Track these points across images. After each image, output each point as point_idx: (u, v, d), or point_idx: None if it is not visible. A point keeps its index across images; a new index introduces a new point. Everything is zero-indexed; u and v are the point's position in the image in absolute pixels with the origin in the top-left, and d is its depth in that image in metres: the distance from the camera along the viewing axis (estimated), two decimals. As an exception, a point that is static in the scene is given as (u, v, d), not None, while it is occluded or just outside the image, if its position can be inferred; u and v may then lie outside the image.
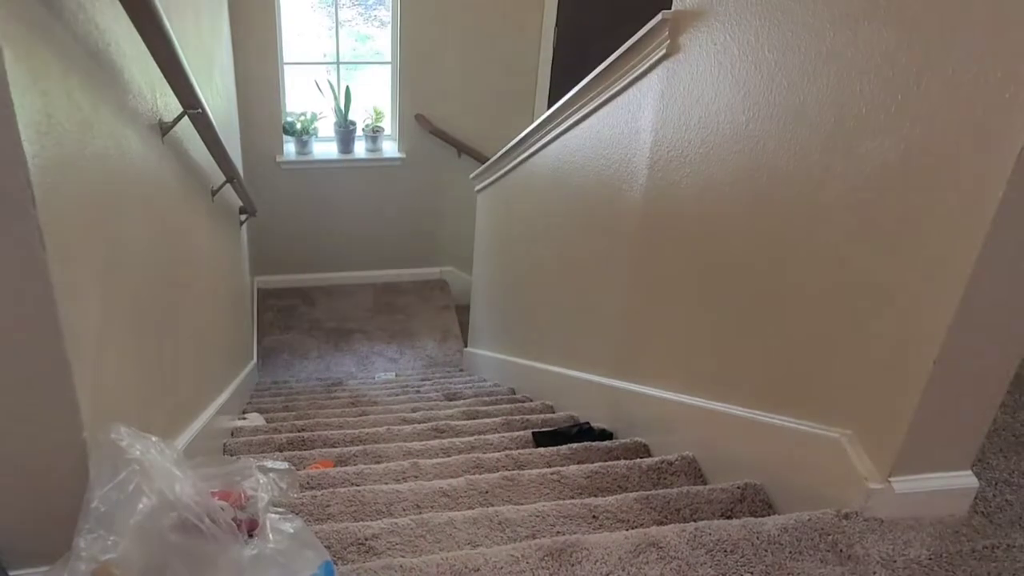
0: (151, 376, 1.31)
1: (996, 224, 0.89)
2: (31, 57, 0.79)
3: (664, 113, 1.73)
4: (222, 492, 0.91)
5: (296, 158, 4.64)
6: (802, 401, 1.26)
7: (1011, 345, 1.01)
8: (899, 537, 1.06)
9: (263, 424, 2.58)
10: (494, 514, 1.28)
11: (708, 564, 1.04)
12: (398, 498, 1.45)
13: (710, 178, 1.53)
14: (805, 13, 1.19)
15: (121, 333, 1.11)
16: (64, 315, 0.83)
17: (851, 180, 1.10)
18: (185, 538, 0.82)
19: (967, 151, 0.91)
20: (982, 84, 0.88)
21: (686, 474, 1.56)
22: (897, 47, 1.00)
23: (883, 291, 1.06)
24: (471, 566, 1.02)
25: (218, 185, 2.29)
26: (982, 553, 1.05)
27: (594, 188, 2.23)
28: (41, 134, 0.80)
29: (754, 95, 1.34)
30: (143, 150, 1.32)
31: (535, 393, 2.91)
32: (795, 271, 1.26)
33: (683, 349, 1.70)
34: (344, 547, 1.17)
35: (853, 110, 1.09)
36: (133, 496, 0.81)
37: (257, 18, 4.25)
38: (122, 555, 0.79)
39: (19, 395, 0.84)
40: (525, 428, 2.24)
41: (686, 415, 1.64)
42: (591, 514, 1.32)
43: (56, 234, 0.82)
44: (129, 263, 1.18)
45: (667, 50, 1.68)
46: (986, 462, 1.29)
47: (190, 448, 1.55)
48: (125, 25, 1.16)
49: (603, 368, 2.18)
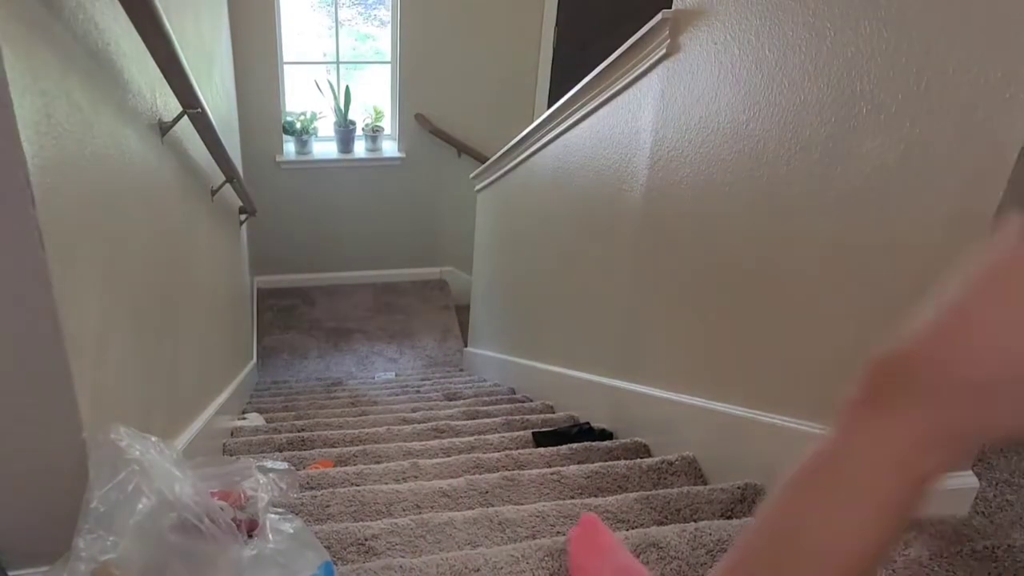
0: (151, 376, 1.31)
1: (996, 223, 0.88)
2: (30, 57, 0.79)
3: (664, 112, 1.73)
4: (222, 492, 0.91)
5: (296, 158, 4.63)
6: (803, 400, 1.26)
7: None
8: (899, 537, 1.06)
9: (263, 424, 2.58)
10: (494, 514, 1.28)
11: (708, 564, 1.04)
12: (398, 498, 1.45)
13: (710, 178, 1.52)
14: (806, 12, 1.19)
15: (121, 333, 1.11)
16: (64, 315, 0.83)
17: (852, 180, 1.10)
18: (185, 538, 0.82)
19: (968, 151, 0.91)
20: (982, 84, 0.88)
21: (686, 474, 1.56)
22: (897, 47, 1.00)
23: (884, 291, 1.05)
24: (471, 566, 1.02)
25: (218, 185, 2.29)
26: (982, 553, 1.05)
27: (594, 188, 2.23)
28: (40, 134, 0.80)
29: (755, 94, 1.34)
30: (143, 150, 1.32)
31: (535, 393, 2.90)
32: (795, 271, 1.26)
33: (683, 349, 1.70)
34: (344, 547, 1.17)
35: (854, 110, 1.09)
36: (133, 496, 0.81)
37: (257, 18, 4.24)
38: (122, 555, 0.79)
39: (19, 395, 0.84)
40: (525, 428, 2.24)
41: (686, 415, 1.64)
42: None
43: (56, 234, 0.82)
44: (128, 263, 1.18)
45: (667, 49, 1.68)
46: (987, 462, 1.29)
47: (190, 448, 1.55)
48: (124, 24, 1.16)
49: (603, 368, 2.17)
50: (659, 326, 1.82)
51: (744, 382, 1.44)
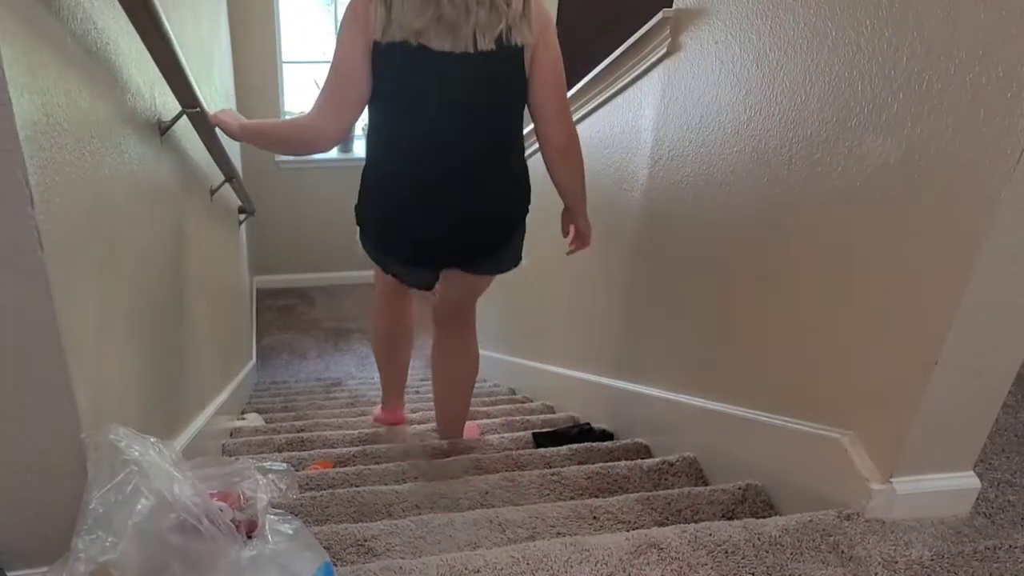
0: (149, 376, 1.31)
1: (997, 224, 0.88)
2: (30, 56, 0.79)
3: (665, 112, 1.72)
4: (221, 493, 0.90)
5: (295, 158, 4.63)
6: (803, 401, 1.25)
7: (1013, 345, 1.00)
8: (901, 538, 1.06)
9: (262, 424, 2.58)
10: (494, 515, 1.27)
11: (709, 565, 1.04)
12: (398, 499, 1.44)
13: (711, 177, 1.52)
14: (807, 11, 1.19)
15: (119, 333, 1.11)
16: (62, 315, 0.83)
17: (852, 179, 1.10)
18: (184, 539, 0.81)
19: (968, 151, 0.91)
20: (983, 83, 0.87)
21: (687, 475, 1.56)
22: (898, 46, 1.00)
23: (884, 291, 1.05)
24: (471, 567, 1.02)
25: (217, 184, 2.28)
26: (984, 554, 1.05)
27: (594, 187, 2.22)
28: (39, 133, 0.80)
29: (755, 94, 1.34)
30: (141, 149, 1.31)
31: (535, 393, 2.90)
32: (795, 270, 1.26)
33: (683, 349, 1.70)
34: (343, 548, 1.17)
35: (855, 109, 1.09)
36: (132, 497, 0.81)
37: (257, 17, 4.24)
38: (121, 556, 0.78)
39: (17, 396, 0.84)
40: (525, 428, 2.24)
41: (687, 416, 1.64)
42: (591, 515, 1.31)
43: (55, 234, 0.82)
44: (127, 263, 1.18)
45: (668, 48, 1.68)
46: (988, 463, 1.29)
47: (189, 449, 1.55)
48: (123, 24, 1.16)
49: (603, 368, 2.17)
50: (659, 326, 1.82)
51: (744, 382, 1.43)
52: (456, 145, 1.51)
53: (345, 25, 1.44)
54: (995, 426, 1.33)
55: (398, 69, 1.45)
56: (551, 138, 1.58)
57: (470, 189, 1.54)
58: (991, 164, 0.88)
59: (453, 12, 1.40)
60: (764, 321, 1.35)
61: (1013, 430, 1.42)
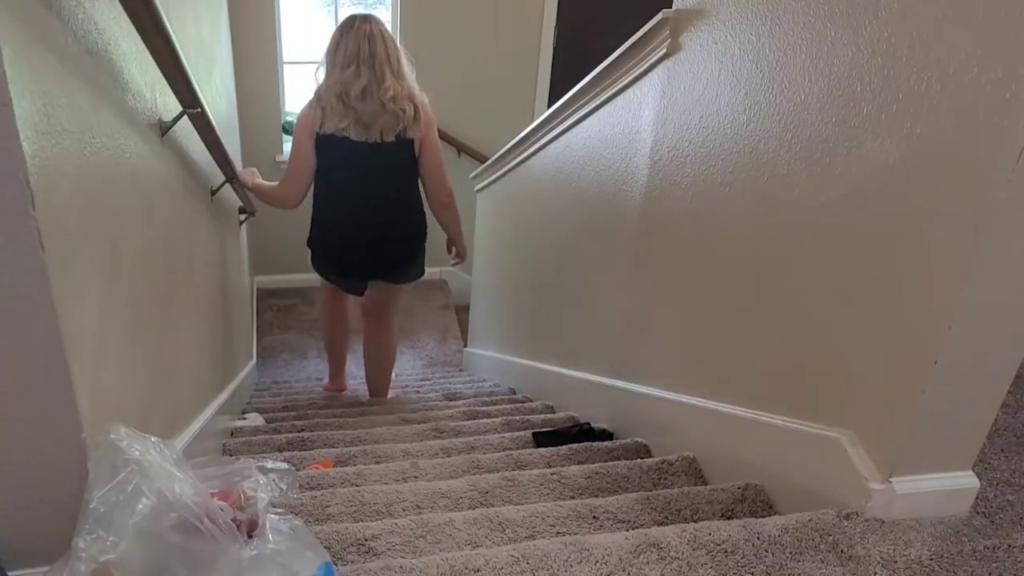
0: (150, 376, 1.31)
1: (997, 224, 0.88)
2: (30, 56, 0.79)
3: (665, 112, 1.72)
4: (222, 493, 0.91)
5: (296, 158, 4.63)
6: (803, 401, 1.26)
7: (1012, 345, 1.01)
8: (900, 537, 1.06)
9: (263, 424, 2.58)
10: (494, 514, 1.28)
11: (709, 565, 1.04)
12: (398, 498, 1.45)
13: (710, 178, 1.52)
14: (806, 12, 1.19)
15: (120, 333, 1.11)
16: (63, 315, 0.83)
17: (852, 180, 1.10)
18: (185, 539, 0.81)
19: (968, 151, 0.91)
20: (983, 83, 0.88)
21: (686, 474, 1.56)
22: (898, 46, 1.00)
23: (884, 290, 1.05)
24: (471, 567, 1.02)
25: (218, 185, 2.29)
26: (983, 553, 1.05)
27: (594, 187, 2.22)
28: (40, 134, 0.80)
29: (755, 94, 1.34)
30: (142, 149, 1.32)
31: (535, 393, 2.90)
32: (795, 271, 1.26)
33: (683, 349, 1.70)
34: (344, 548, 1.17)
35: (854, 109, 1.09)
36: (132, 497, 0.81)
37: (257, 18, 4.25)
38: (121, 556, 0.78)
39: (18, 396, 0.84)
40: (525, 428, 2.24)
41: (687, 415, 1.64)
42: (591, 514, 1.31)
43: (55, 234, 0.82)
44: (128, 263, 1.18)
45: (668, 49, 1.68)
46: (987, 462, 1.29)
47: (189, 448, 1.55)
48: (124, 24, 1.16)
49: (603, 368, 2.17)
50: (659, 326, 1.82)
51: (744, 382, 1.43)
52: (369, 199, 2.49)
53: (298, 124, 2.45)
54: (994, 426, 1.33)
55: (331, 152, 2.43)
56: (435, 196, 2.63)
57: (379, 224, 2.54)
58: (991, 164, 0.88)
59: (367, 118, 2.39)
60: (764, 320, 1.35)
61: (1012, 430, 1.42)
